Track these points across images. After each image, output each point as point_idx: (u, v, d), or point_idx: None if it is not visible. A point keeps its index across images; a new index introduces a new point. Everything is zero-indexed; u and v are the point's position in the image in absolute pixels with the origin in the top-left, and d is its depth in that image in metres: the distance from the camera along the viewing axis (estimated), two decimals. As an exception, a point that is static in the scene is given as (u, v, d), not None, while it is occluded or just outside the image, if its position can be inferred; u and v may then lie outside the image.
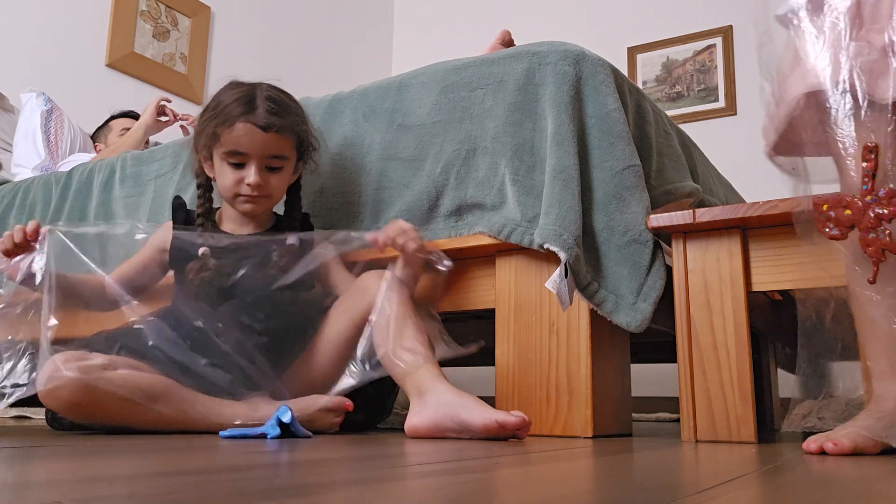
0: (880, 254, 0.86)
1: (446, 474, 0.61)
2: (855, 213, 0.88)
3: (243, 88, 1.23)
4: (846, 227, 0.89)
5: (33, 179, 1.98)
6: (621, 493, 0.53)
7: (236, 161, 1.21)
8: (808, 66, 0.92)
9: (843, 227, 0.89)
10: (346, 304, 1.22)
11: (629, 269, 1.17)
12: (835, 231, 0.89)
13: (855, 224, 0.88)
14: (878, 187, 0.87)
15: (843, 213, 0.89)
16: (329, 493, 0.48)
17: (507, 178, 1.23)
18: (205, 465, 0.66)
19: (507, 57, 1.30)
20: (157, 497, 0.44)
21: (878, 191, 0.86)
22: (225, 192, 1.25)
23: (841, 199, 0.89)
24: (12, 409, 1.70)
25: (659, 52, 3.33)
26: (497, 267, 1.27)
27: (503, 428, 1.00)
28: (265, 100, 1.21)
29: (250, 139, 1.20)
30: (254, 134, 1.19)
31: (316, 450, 0.84)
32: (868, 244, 0.87)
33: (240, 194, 1.23)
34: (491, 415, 1.01)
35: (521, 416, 1.00)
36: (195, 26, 3.07)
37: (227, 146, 1.20)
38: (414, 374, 1.10)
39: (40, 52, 2.56)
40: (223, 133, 1.20)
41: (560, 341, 1.18)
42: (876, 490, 0.59)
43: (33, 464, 0.66)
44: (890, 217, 0.85)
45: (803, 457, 0.86)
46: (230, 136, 1.20)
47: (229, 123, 1.19)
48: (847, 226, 0.89)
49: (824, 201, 0.91)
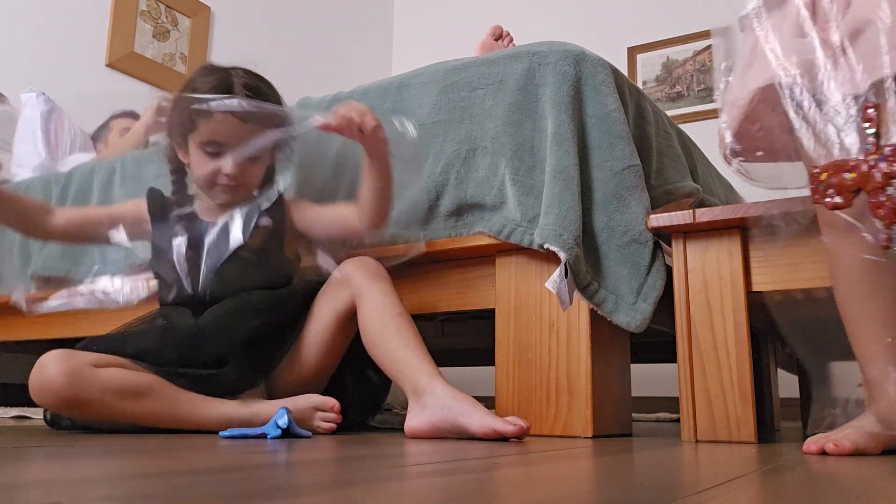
0: (893, 216, 0.78)
1: (446, 474, 0.61)
2: (860, 176, 0.81)
3: (219, 75, 1.20)
4: (851, 193, 0.82)
5: (33, 180, 1.99)
6: (621, 493, 0.53)
7: (213, 150, 1.19)
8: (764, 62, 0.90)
9: (847, 193, 0.81)
10: (329, 297, 1.21)
11: (629, 269, 1.17)
12: (837, 199, 0.82)
13: (861, 187, 0.81)
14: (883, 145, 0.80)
15: (847, 178, 0.82)
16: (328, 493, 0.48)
17: (507, 178, 1.23)
18: (205, 465, 0.66)
19: (507, 57, 1.30)
20: (157, 497, 0.44)
21: (884, 149, 0.80)
22: (201, 181, 1.22)
23: (843, 164, 0.82)
24: (12, 409, 1.70)
25: (659, 52, 3.33)
26: (497, 267, 1.27)
27: (501, 436, 1.00)
28: (242, 87, 1.18)
29: (228, 130, 1.17)
30: (232, 124, 1.17)
31: (315, 450, 0.84)
32: (878, 206, 0.80)
33: (217, 184, 1.21)
34: (489, 422, 1.00)
35: (520, 425, 0.99)
36: (195, 26, 3.07)
37: (204, 136, 1.18)
38: (410, 373, 1.10)
39: (40, 52, 2.56)
40: (200, 122, 1.17)
41: (560, 341, 1.18)
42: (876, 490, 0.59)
43: (33, 464, 0.66)
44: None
45: (803, 457, 0.86)
46: (207, 126, 1.17)
47: (206, 113, 1.16)
48: (852, 190, 0.81)
49: (822, 170, 0.84)
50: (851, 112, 0.83)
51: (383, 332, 1.13)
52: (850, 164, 0.81)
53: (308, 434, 1.03)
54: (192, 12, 3.06)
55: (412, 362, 1.10)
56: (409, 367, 1.10)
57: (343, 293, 1.19)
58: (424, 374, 1.09)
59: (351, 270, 1.19)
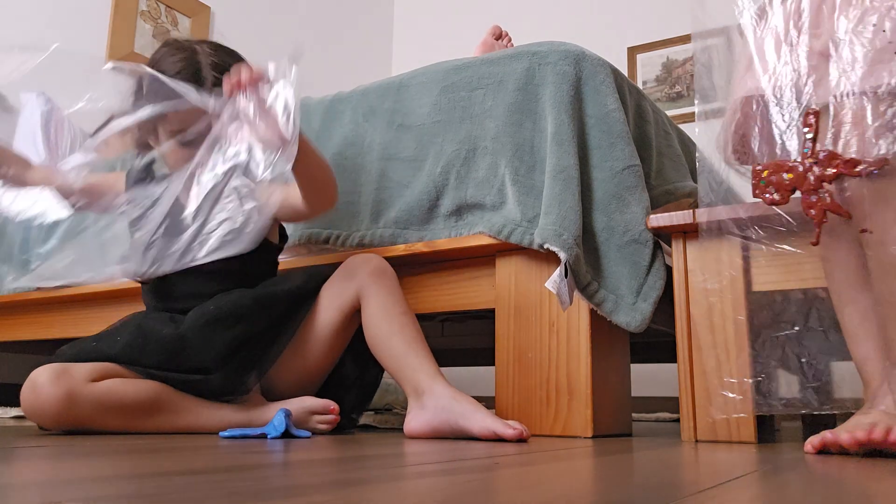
0: (822, 215, 0.88)
1: (446, 474, 0.61)
2: (796, 177, 0.89)
3: (184, 55, 1.12)
4: (787, 191, 0.90)
5: (33, 179, 1.98)
6: (621, 492, 0.53)
7: (184, 140, 1.12)
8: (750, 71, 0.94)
9: (784, 192, 0.90)
10: (334, 293, 1.18)
11: (629, 269, 1.17)
12: (775, 195, 0.91)
13: (797, 187, 0.90)
14: (818, 150, 0.88)
15: (784, 178, 0.90)
16: (328, 494, 0.48)
17: (507, 178, 1.23)
18: (205, 465, 0.66)
19: (507, 57, 1.30)
20: (158, 497, 0.44)
21: (818, 153, 0.88)
22: (175, 169, 1.14)
23: (782, 164, 0.91)
24: (12, 409, 1.70)
25: (659, 52, 3.33)
26: (497, 267, 1.27)
27: (501, 439, 1.00)
28: (211, 69, 1.11)
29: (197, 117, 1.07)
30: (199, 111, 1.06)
31: (314, 450, 0.84)
32: (810, 206, 0.88)
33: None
34: (489, 425, 1.00)
35: (520, 430, 0.99)
36: (195, 26, 3.07)
37: (175, 125, 1.11)
38: (410, 373, 1.10)
39: (40, 52, 2.56)
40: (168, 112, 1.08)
41: (560, 341, 1.18)
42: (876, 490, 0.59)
43: (33, 464, 0.66)
44: (831, 178, 0.87)
45: (803, 457, 0.86)
46: (177, 115, 1.09)
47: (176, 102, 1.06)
48: (788, 189, 0.90)
49: (764, 167, 0.92)
50: (794, 116, 0.91)
51: (386, 331, 1.13)
52: (789, 164, 0.90)
53: (307, 434, 1.03)
54: (192, 12, 3.07)
55: (413, 362, 1.10)
56: (410, 367, 1.10)
57: (348, 289, 1.17)
58: (425, 375, 1.09)
59: (357, 266, 1.17)
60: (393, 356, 1.12)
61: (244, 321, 1.12)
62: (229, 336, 1.10)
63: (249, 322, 1.12)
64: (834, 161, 0.87)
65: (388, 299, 1.14)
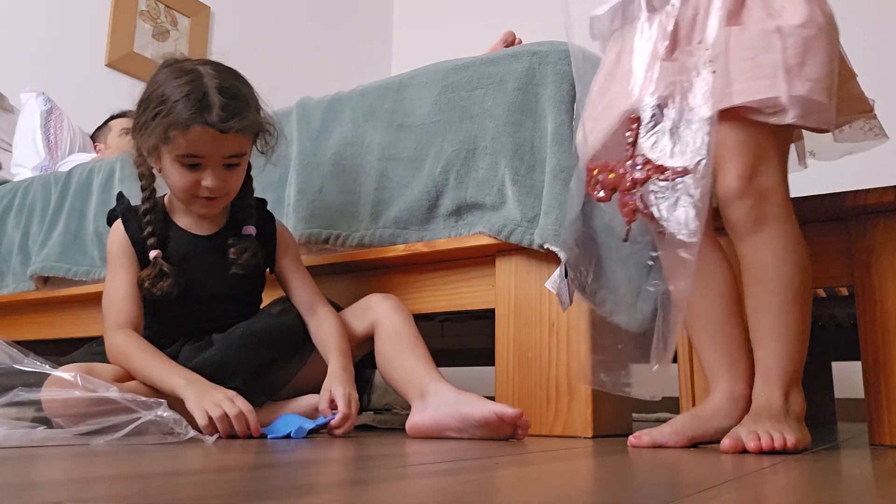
0: (632, 215, 0.94)
1: (446, 474, 0.61)
2: (617, 177, 0.95)
3: (189, 78, 1.10)
4: (610, 191, 0.96)
5: (33, 179, 1.99)
6: (621, 493, 0.53)
7: (192, 163, 1.11)
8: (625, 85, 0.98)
9: (608, 190, 0.96)
10: (349, 320, 1.23)
11: (629, 270, 1.17)
12: (601, 193, 0.97)
13: (617, 187, 0.95)
14: (635, 154, 0.94)
15: (609, 177, 0.96)
16: (329, 493, 0.48)
17: (507, 177, 1.23)
18: (205, 465, 0.66)
19: (507, 56, 1.30)
20: (158, 497, 0.44)
21: (636, 158, 0.94)
22: (179, 193, 1.15)
23: (608, 165, 0.97)
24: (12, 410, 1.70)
25: (659, 52, 3.33)
26: (497, 267, 1.27)
27: (501, 420, 1.01)
28: (218, 94, 1.09)
29: (208, 143, 1.09)
30: (212, 137, 1.08)
31: (316, 450, 0.84)
32: (625, 205, 0.94)
33: (196, 196, 1.15)
34: (490, 407, 1.03)
35: (520, 411, 1.02)
36: (195, 26, 3.07)
37: (182, 150, 1.09)
38: (417, 379, 1.13)
39: (40, 52, 2.56)
40: (176, 136, 1.08)
41: (560, 341, 1.18)
42: (876, 490, 0.59)
43: (33, 464, 0.66)
44: (642, 182, 0.92)
45: (805, 457, 0.86)
46: (185, 140, 1.08)
47: (184, 127, 1.07)
48: (611, 189, 0.96)
49: (595, 166, 0.98)
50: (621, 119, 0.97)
51: (397, 348, 1.17)
52: (612, 165, 0.96)
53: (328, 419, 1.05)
54: (192, 12, 3.06)
55: (421, 370, 1.13)
56: (418, 375, 1.13)
57: (365, 318, 1.22)
58: (430, 379, 1.12)
59: (376, 301, 1.23)
60: (402, 368, 1.16)
61: (271, 347, 1.17)
62: (258, 360, 1.15)
63: (274, 347, 1.18)
64: (647, 166, 0.92)
65: (403, 326, 1.19)
